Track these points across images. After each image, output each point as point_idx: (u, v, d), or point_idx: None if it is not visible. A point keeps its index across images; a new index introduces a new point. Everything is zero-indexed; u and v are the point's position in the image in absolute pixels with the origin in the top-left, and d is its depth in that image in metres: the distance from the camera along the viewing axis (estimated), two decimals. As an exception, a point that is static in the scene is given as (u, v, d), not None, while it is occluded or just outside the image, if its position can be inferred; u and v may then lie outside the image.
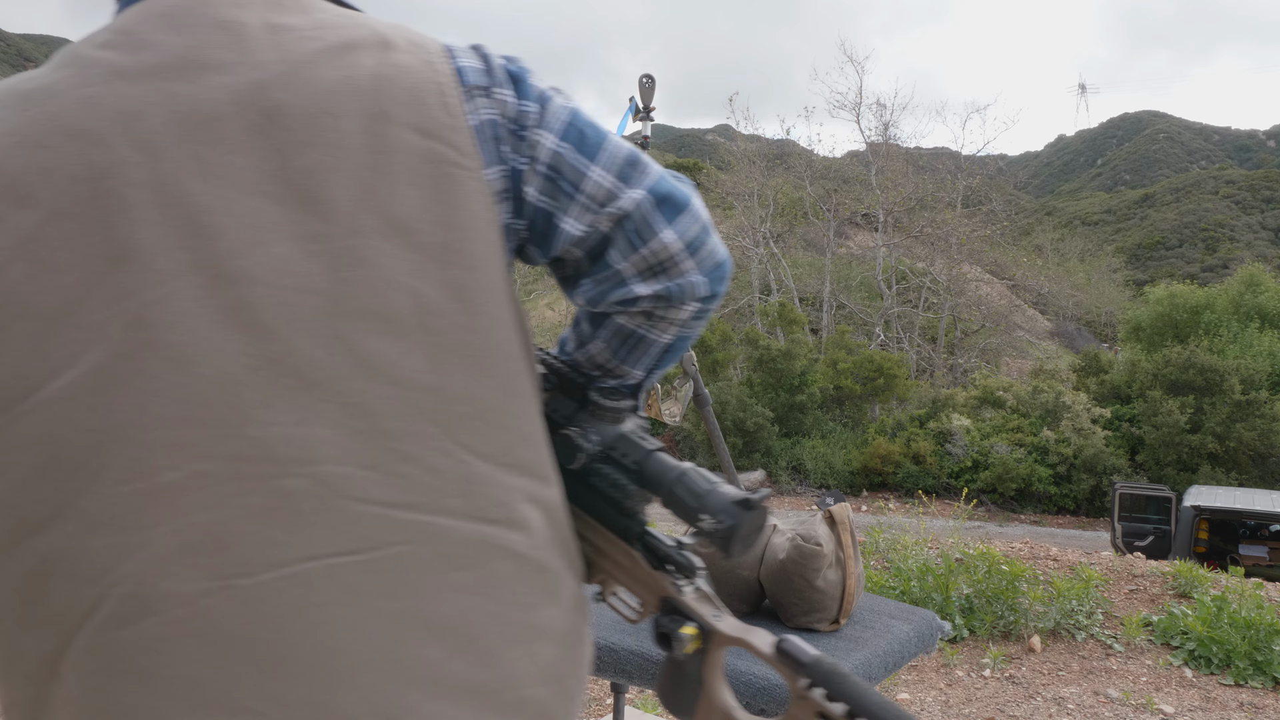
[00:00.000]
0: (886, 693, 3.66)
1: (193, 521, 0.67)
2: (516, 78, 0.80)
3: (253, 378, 0.69)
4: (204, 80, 0.71)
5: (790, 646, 0.75)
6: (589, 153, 0.80)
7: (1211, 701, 3.63)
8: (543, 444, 0.80)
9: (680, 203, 0.81)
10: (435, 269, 0.73)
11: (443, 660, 0.72)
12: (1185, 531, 10.46)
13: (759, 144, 29.71)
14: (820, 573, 1.32)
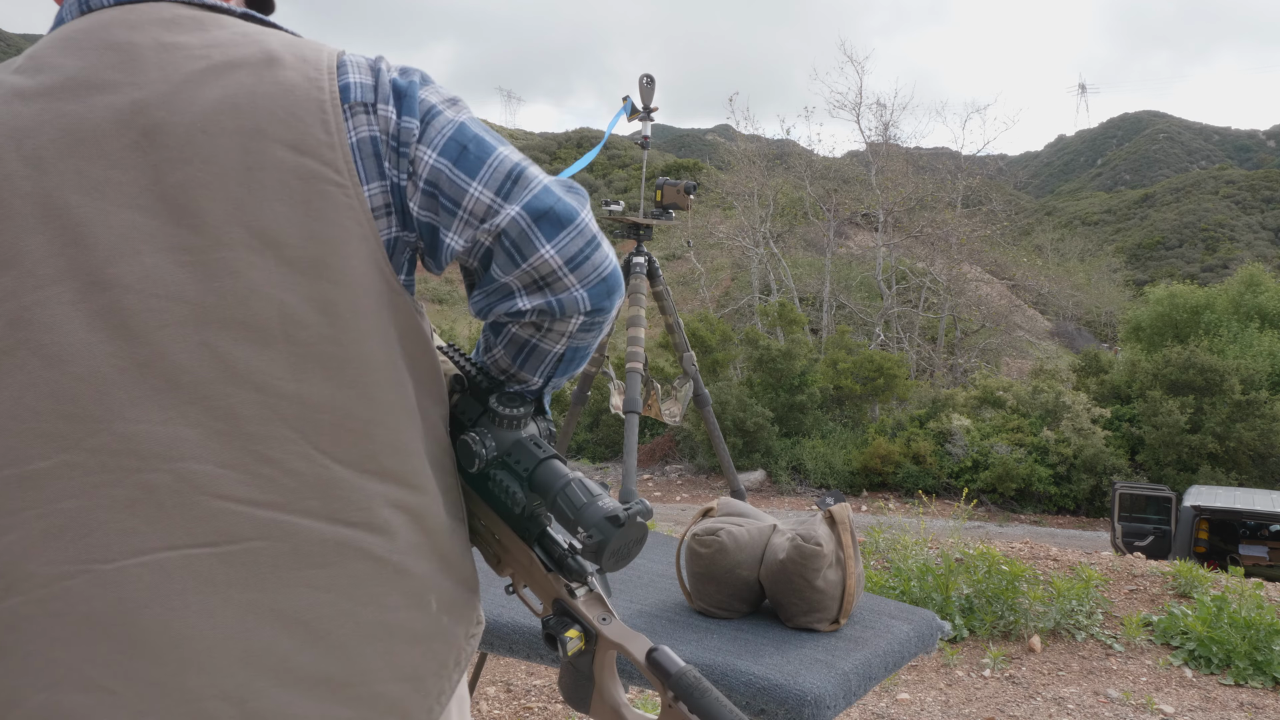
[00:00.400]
0: (886, 693, 3.66)
1: (59, 508, 0.72)
2: (403, 93, 0.82)
3: (121, 378, 0.73)
4: (91, 100, 0.76)
5: (660, 657, 0.79)
6: (469, 168, 0.82)
7: (1211, 701, 3.63)
8: (414, 453, 0.83)
9: (562, 218, 0.82)
10: (302, 282, 0.77)
11: (293, 651, 0.76)
12: (1185, 531, 10.45)
13: (759, 144, 29.69)
14: (820, 573, 1.32)
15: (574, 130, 71.29)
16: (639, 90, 2.90)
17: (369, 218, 0.80)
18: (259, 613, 0.75)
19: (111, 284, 0.74)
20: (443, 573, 0.86)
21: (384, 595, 0.81)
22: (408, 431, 0.82)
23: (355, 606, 0.79)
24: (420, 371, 0.85)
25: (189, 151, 0.76)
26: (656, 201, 2.93)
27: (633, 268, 2.94)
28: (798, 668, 1.20)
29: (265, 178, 0.77)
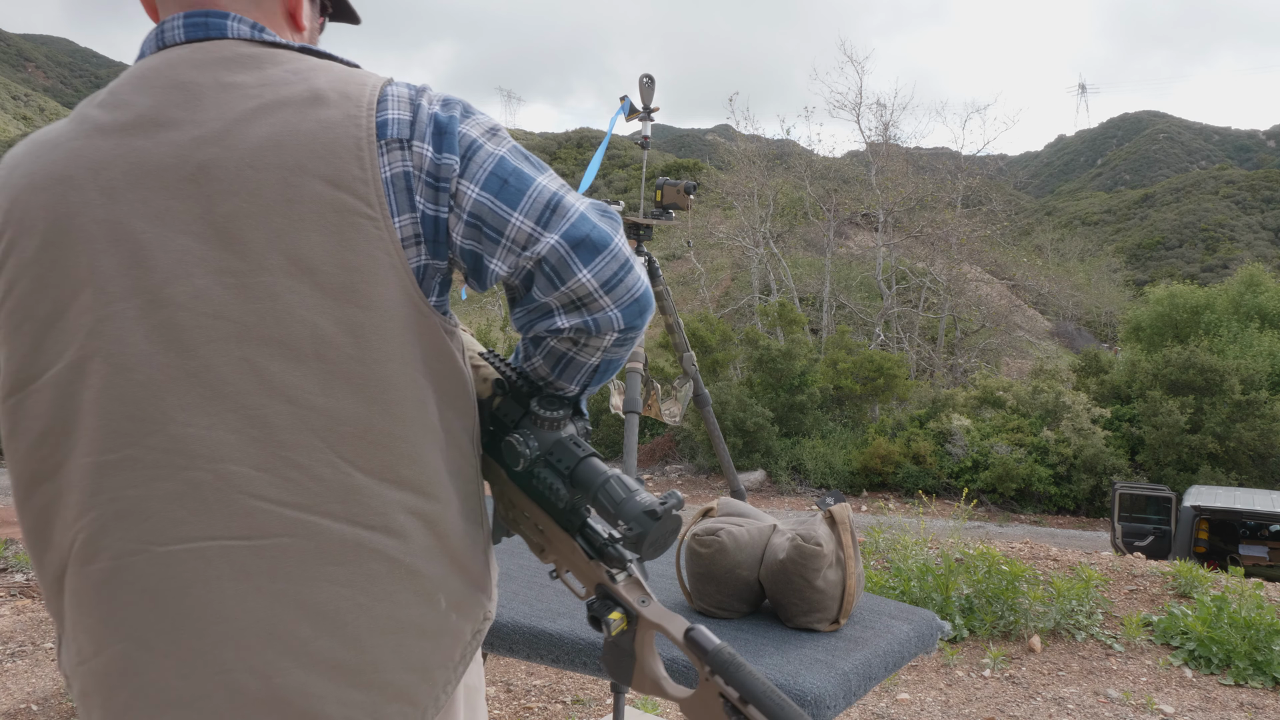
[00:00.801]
0: (886, 693, 3.66)
1: (125, 494, 0.85)
2: (443, 129, 0.89)
3: (174, 385, 0.85)
4: (158, 136, 0.87)
5: (697, 635, 0.87)
6: (510, 200, 0.89)
7: (1211, 701, 3.63)
8: (430, 464, 0.91)
9: (598, 245, 0.89)
10: (333, 306, 0.86)
11: (313, 638, 0.86)
12: (1185, 531, 10.45)
13: (759, 144, 29.69)
14: (820, 573, 1.32)
15: (574, 130, 71.28)
16: (639, 90, 2.90)
17: (398, 248, 0.88)
18: (285, 601, 0.86)
19: (167, 302, 0.85)
20: (453, 574, 0.94)
21: (396, 593, 0.89)
22: (425, 444, 0.90)
23: (370, 601, 0.88)
24: (444, 388, 0.93)
25: (237, 185, 0.85)
26: (656, 201, 2.93)
27: (633, 268, 2.94)
28: (798, 668, 1.20)
29: (304, 210, 0.85)
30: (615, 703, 2.23)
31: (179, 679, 0.86)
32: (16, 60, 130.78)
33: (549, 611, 1.40)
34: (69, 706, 3.34)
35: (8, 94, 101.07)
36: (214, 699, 0.85)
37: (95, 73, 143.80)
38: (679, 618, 0.92)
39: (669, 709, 3.44)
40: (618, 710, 2.24)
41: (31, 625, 4.26)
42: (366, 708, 0.89)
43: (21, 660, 3.81)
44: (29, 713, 3.30)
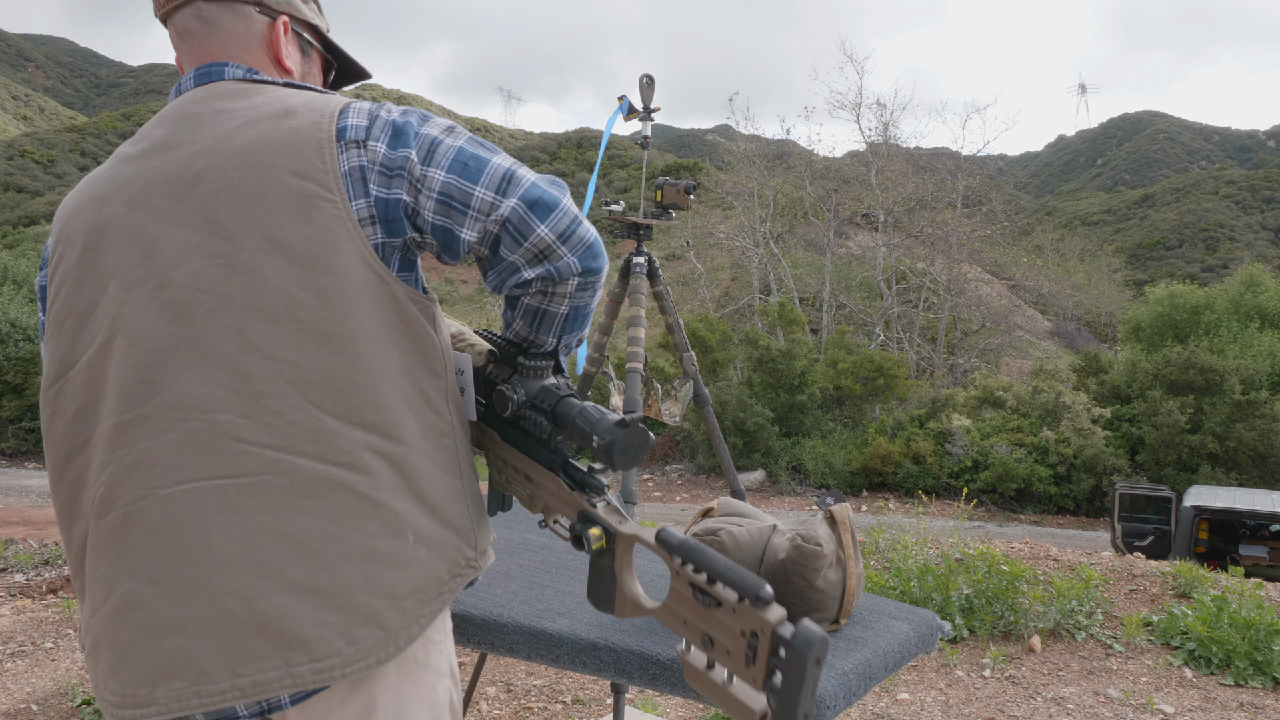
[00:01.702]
0: (886, 693, 3.66)
1: (137, 448, 1.02)
2: (399, 130, 1.07)
3: (176, 352, 1.02)
4: (166, 155, 1.09)
5: (666, 534, 0.99)
6: (471, 177, 1.05)
7: (1211, 701, 3.63)
8: (392, 409, 1.04)
9: (550, 204, 1.06)
10: (301, 274, 1.02)
11: (290, 564, 0.99)
12: (1185, 531, 10.45)
13: (759, 144, 29.68)
14: (820, 573, 1.32)
15: (574, 130, 71.26)
16: (639, 90, 2.90)
17: (356, 226, 1.04)
18: (265, 532, 0.99)
19: (171, 284, 1.03)
20: (420, 512, 1.06)
21: (364, 524, 1.02)
22: (387, 391, 1.04)
23: (341, 531, 1.01)
24: (409, 346, 1.07)
25: (224, 184, 1.04)
26: (656, 201, 2.93)
27: (633, 268, 2.94)
28: (798, 668, 1.20)
29: (275, 198, 1.03)
30: (615, 703, 2.23)
31: (175, 606, 0.99)
32: (16, 60, 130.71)
33: (549, 611, 1.40)
34: (69, 706, 3.34)
35: (8, 94, 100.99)
36: (204, 622, 0.98)
37: (95, 73, 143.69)
38: (651, 528, 1.03)
39: (669, 709, 3.44)
40: (618, 710, 2.24)
41: (31, 625, 4.26)
42: (339, 629, 1.00)
43: (21, 660, 3.81)
44: (29, 713, 3.30)
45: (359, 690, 1.05)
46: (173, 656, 0.99)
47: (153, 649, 1.00)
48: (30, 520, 11.34)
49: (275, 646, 0.98)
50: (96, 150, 69.60)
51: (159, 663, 0.99)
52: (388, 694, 1.07)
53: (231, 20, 1.18)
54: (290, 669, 0.99)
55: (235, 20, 1.18)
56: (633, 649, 1.26)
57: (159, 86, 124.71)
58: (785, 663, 0.92)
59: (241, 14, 1.18)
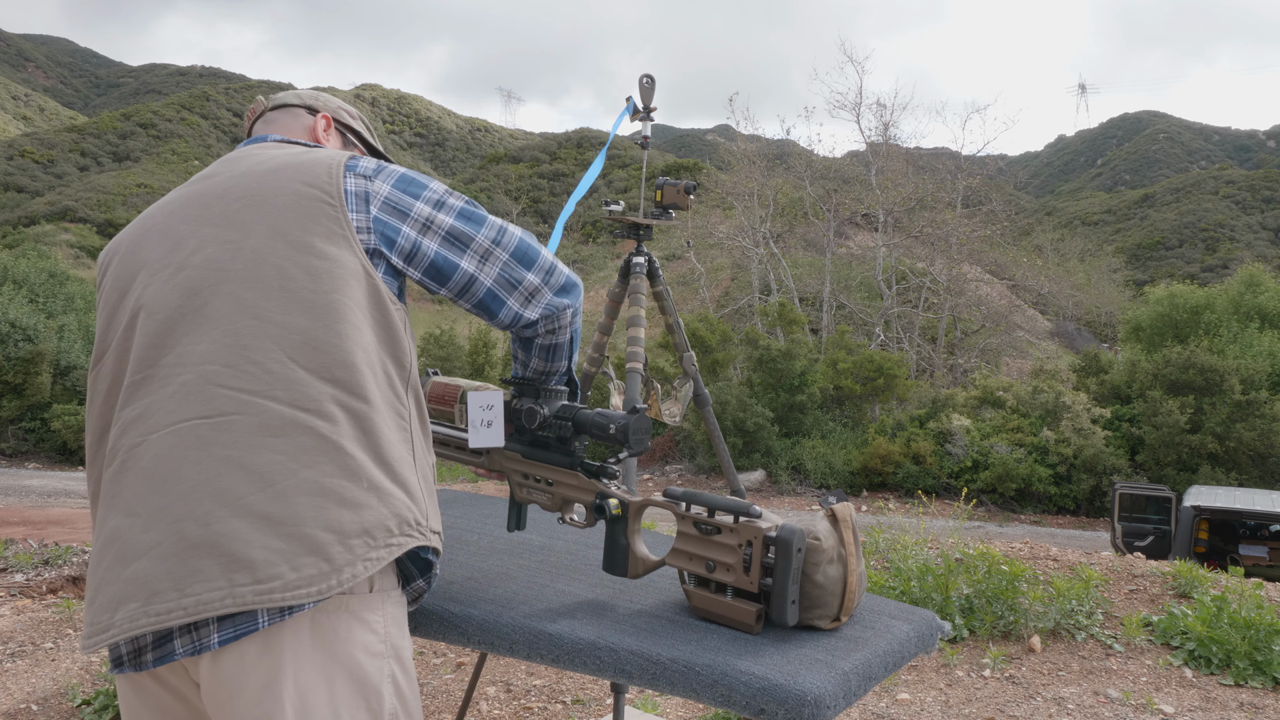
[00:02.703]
0: (886, 693, 3.65)
1: (144, 402, 1.16)
2: (410, 180, 1.30)
3: (183, 319, 1.18)
4: (207, 182, 1.31)
5: (669, 490, 1.33)
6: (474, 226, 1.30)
7: (1211, 701, 3.63)
8: (360, 371, 1.18)
9: (532, 256, 1.32)
10: (296, 255, 1.19)
11: (247, 493, 1.10)
12: (1185, 531, 10.44)
13: (759, 144, 29.67)
14: (820, 568, 1.32)
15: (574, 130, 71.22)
16: (639, 90, 2.90)
17: (350, 228, 1.23)
18: (230, 464, 1.10)
19: (187, 265, 1.21)
20: (376, 466, 1.17)
21: (322, 464, 1.13)
22: (358, 357, 1.18)
23: (299, 467, 1.11)
24: (382, 334, 1.23)
25: (245, 193, 1.25)
26: (656, 201, 2.93)
27: (633, 268, 2.94)
28: (798, 668, 1.20)
29: (283, 199, 1.23)
30: (615, 703, 2.23)
31: (144, 532, 1.09)
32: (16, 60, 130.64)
33: (549, 611, 1.40)
34: (69, 706, 3.34)
35: (8, 94, 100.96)
36: (164, 546, 1.08)
37: (95, 73, 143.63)
38: (655, 493, 1.35)
39: (669, 709, 3.44)
40: (618, 710, 2.24)
41: (31, 625, 4.26)
42: (286, 555, 1.08)
43: (21, 660, 3.81)
44: (29, 713, 3.30)
45: (269, 652, 1.09)
46: (131, 579, 1.08)
47: (120, 575, 1.09)
48: (30, 520, 11.34)
49: (222, 567, 1.06)
50: (96, 150, 69.56)
51: (122, 588, 1.08)
52: (300, 664, 1.10)
53: (286, 118, 1.51)
54: (233, 588, 1.06)
55: (289, 118, 1.51)
56: (633, 649, 1.26)
57: (159, 86, 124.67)
58: (775, 556, 1.25)
59: (294, 113, 1.52)
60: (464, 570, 1.59)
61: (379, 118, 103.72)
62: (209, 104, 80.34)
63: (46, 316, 21.90)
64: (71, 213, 52.12)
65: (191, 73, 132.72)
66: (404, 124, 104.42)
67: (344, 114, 1.58)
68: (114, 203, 53.23)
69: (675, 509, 1.34)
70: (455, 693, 3.58)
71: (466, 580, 1.53)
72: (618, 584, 1.51)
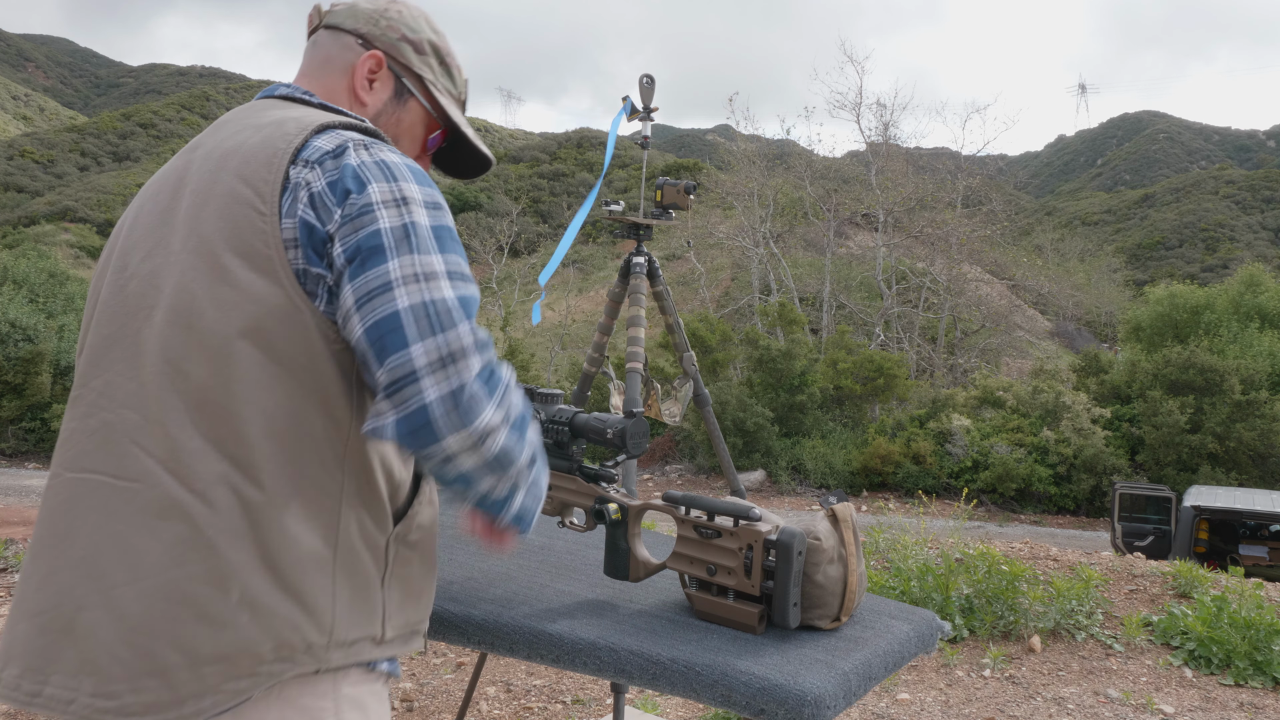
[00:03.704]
0: (886, 693, 3.65)
1: (68, 426, 1.04)
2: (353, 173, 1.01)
3: (118, 344, 1.02)
4: (190, 155, 1.11)
5: (668, 494, 1.34)
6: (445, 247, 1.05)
7: (1211, 701, 3.63)
8: (260, 449, 0.97)
9: None
10: (213, 283, 0.98)
11: (121, 584, 0.94)
12: (1185, 531, 10.44)
13: (759, 144, 29.68)
14: (820, 567, 1.32)
15: (574, 130, 71.23)
16: (639, 90, 2.90)
17: (279, 244, 0.99)
18: (118, 543, 0.96)
19: (135, 276, 1.05)
20: (258, 571, 0.95)
21: (191, 562, 0.94)
22: (254, 427, 0.97)
23: (170, 564, 0.94)
24: (307, 382, 0.99)
25: (196, 184, 1.05)
26: (656, 201, 2.93)
27: (633, 268, 2.94)
28: (798, 668, 1.20)
29: (219, 201, 1.02)
30: (615, 703, 2.23)
31: (36, 591, 0.99)
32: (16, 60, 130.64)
33: (549, 611, 1.40)
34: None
35: (8, 94, 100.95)
36: (45, 617, 0.97)
37: (95, 73, 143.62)
38: (655, 498, 1.35)
39: (669, 709, 3.44)
40: (618, 710, 2.24)
41: (31, 625, 4.25)
42: (129, 671, 0.92)
43: (21, 660, 3.81)
44: (29, 712, 3.30)
45: None
46: (16, 640, 0.99)
47: (13, 628, 1.01)
48: (30, 520, 11.34)
49: (77, 665, 0.94)
50: (96, 150, 69.56)
51: (9, 645, 1.00)
52: None
53: (331, 45, 1.20)
54: (77, 694, 0.93)
55: (334, 45, 1.20)
56: (633, 649, 1.26)
57: (159, 86, 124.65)
58: (776, 559, 1.24)
59: (343, 42, 1.20)
60: (464, 570, 1.59)
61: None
62: (209, 104, 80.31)
63: (46, 316, 21.90)
64: (71, 213, 52.12)
65: (191, 73, 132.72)
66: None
67: (407, 48, 1.21)
68: (114, 203, 53.20)
69: (675, 513, 1.34)
70: (455, 693, 3.58)
71: (466, 580, 1.53)
72: (617, 584, 1.51)
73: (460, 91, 1.30)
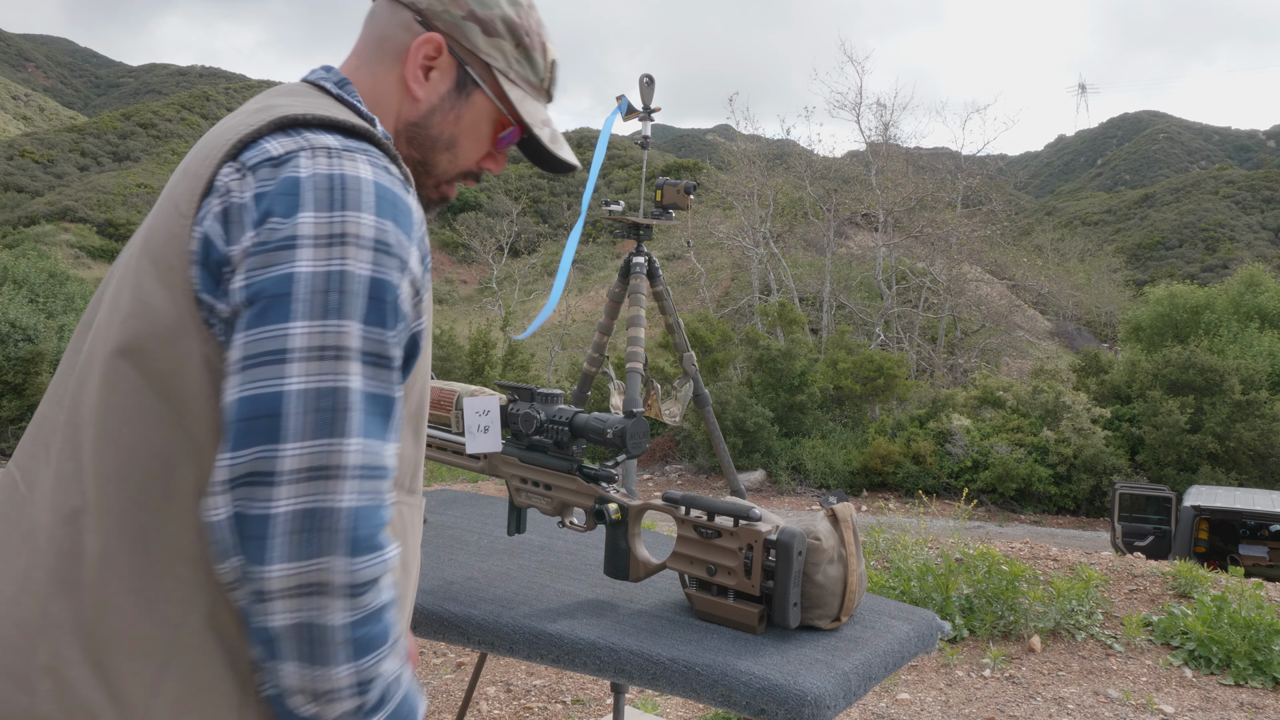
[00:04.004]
0: (886, 693, 3.65)
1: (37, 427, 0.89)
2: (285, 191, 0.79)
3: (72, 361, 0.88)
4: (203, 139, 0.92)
5: (668, 494, 1.34)
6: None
7: (1211, 701, 3.63)
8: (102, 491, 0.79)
9: None
10: (126, 298, 0.83)
11: None
12: (1185, 531, 10.44)
13: (759, 144, 29.67)
14: (820, 567, 1.32)
15: (574, 130, 71.24)
16: (639, 90, 2.90)
17: (186, 254, 0.81)
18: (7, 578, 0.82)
19: (101, 294, 0.91)
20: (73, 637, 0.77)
21: (20, 603, 0.80)
22: (111, 463, 0.80)
23: (8, 597, 0.81)
24: (180, 420, 0.80)
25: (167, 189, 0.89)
26: (656, 201, 2.93)
27: (633, 268, 2.94)
28: (798, 668, 1.20)
29: (164, 202, 0.86)
30: (615, 703, 2.23)
31: None
32: (16, 60, 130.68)
33: (549, 611, 1.40)
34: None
35: (8, 94, 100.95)
36: None
37: (95, 73, 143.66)
38: (655, 498, 1.36)
39: (669, 709, 3.44)
40: (618, 710, 2.24)
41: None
42: None
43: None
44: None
45: None
46: None
47: None
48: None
49: None
50: (96, 150, 69.54)
51: None
52: None
53: (388, 21, 0.98)
54: None
55: (390, 22, 0.97)
56: (633, 649, 1.26)
57: (159, 86, 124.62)
58: (776, 559, 1.24)
59: (400, 18, 0.97)
60: (464, 570, 1.59)
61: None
62: (209, 104, 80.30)
63: (46, 316, 21.90)
64: (71, 213, 52.12)
65: (191, 73, 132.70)
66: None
67: (473, 29, 0.97)
68: (114, 203, 53.21)
69: (675, 513, 1.34)
70: (455, 693, 3.58)
71: (466, 580, 1.53)
72: (618, 584, 1.51)
73: (543, 78, 1.05)
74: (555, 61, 1.06)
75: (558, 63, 1.06)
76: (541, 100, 1.06)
